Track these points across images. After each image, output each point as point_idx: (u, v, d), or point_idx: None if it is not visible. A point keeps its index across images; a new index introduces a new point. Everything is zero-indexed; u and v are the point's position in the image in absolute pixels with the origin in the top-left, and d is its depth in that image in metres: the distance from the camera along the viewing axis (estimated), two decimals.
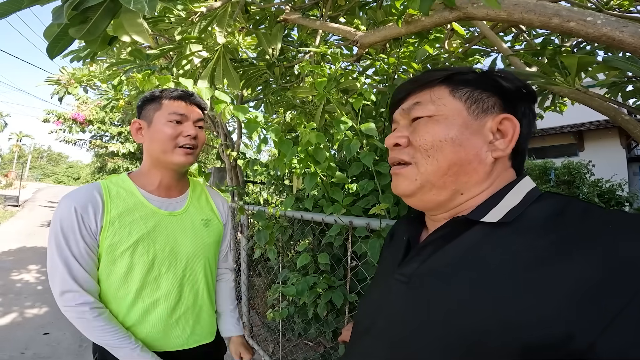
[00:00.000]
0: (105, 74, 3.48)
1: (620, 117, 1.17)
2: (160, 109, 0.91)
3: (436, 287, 0.45)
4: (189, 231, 0.96)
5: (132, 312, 0.89)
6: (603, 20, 0.68)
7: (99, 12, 0.83)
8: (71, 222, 0.83)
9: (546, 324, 0.34)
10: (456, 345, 0.40)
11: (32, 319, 3.33)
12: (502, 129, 0.49)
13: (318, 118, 1.73)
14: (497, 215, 0.44)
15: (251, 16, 1.96)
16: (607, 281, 0.32)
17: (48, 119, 8.11)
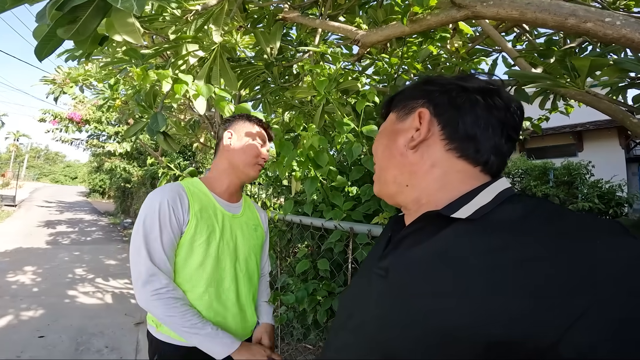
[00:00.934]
0: (101, 74, 3.44)
1: (629, 120, 1.14)
2: (252, 129, 1.12)
3: (409, 281, 0.47)
4: (245, 233, 1.11)
5: (200, 302, 0.97)
6: (622, 21, 0.64)
7: (88, 12, 0.79)
8: (163, 214, 0.94)
9: (513, 322, 0.35)
10: (427, 341, 0.41)
11: (28, 321, 3.30)
12: (422, 121, 0.54)
13: (317, 119, 1.69)
14: (467, 212, 0.46)
15: (249, 14, 1.92)
16: (572, 282, 0.33)
17: (44, 118, 8.04)
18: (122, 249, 7.09)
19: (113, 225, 10.83)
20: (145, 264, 0.91)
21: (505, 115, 0.52)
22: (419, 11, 0.89)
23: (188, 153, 8.24)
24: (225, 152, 1.09)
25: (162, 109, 1.62)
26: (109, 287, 4.52)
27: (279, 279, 1.58)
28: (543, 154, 7.75)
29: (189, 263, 0.98)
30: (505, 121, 0.52)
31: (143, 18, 1.18)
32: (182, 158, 8.14)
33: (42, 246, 6.81)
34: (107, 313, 3.61)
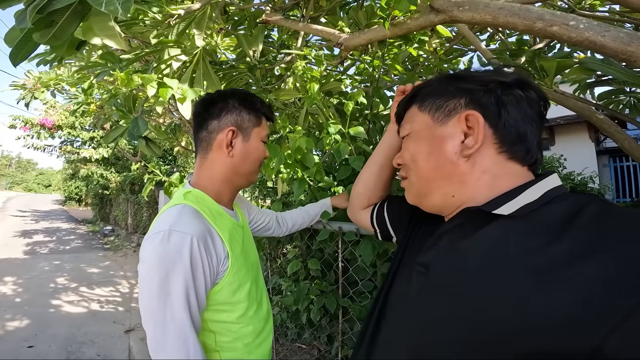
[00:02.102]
0: (74, 78, 3.32)
1: (595, 116, 1.21)
2: (260, 125, 0.86)
3: (450, 279, 0.46)
4: (251, 240, 0.96)
5: (257, 338, 0.85)
6: (585, 24, 0.68)
7: (65, 15, 0.77)
8: (195, 260, 0.69)
9: (562, 325, 0.34)
10: (465, 340, 0.41)
11: (15, 332, 3.22)
12: (471, 125, 0.50)
13: (302, 120, 1.71)
14: (510, 209, 0.44)
15: (230, 17, 1.91)
16: (619, 281, 0.33)
17: (14, 124, 7.69)
18: (104, 256, 6.88)
19: (92, 233, 10.48)
20: (183, 337, 0.67)
21: (540, 107, 0.51)
22: (399, 15, 0.93)
23: (169, 157, 8.08)
24: (226, 157, 0.82)
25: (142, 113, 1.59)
26: (94, 295, 4.39)
27: (270, 280, 1.59)
28: None
29: (239, 304, 0.80)
30: (542, 114, 0.51)
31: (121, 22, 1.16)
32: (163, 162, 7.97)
33: (20, 256, 6.55)
34: (94, 321, 3.53)
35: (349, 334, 1.17)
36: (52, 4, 0.70)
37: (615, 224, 0.37)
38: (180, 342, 0.66)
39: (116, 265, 6.07)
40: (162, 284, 0.66)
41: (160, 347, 0.67)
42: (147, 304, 0.68)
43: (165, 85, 1.12)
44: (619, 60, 0.68)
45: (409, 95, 0.59)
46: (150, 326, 0.67)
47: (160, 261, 0.67)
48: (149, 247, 0.69)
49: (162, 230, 0.69)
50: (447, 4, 0.79)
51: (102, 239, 9.28)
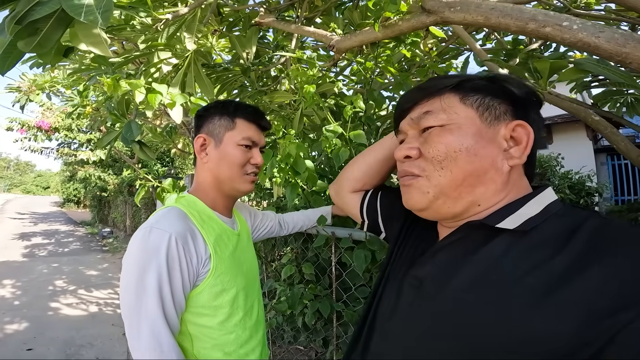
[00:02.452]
0: (69, 80, 3.31)
1: (591, 117, 1.20)
2: (233, 129, 0.84)
3: (447, 297, 0.44)
4: (250, 249, 0.95)
5: (241, 348, 0.83)
6: (579, 25, 0.67)
7: (49, 23, 0.76)
8: (171, 257, 0.69)
9: (560, 341, 0.34)
10: (457, 354, 0.40)
11: (13, 335, 3.23)
12: (516, 136, 0.47)
13: (296, 123, 1.70)
14: (514, 223, 0.43)
15: (224, 18, 1.89)
16: (617, 296, 0.33)
17: (11, 127, 7.68)
18: (103, 259, 6.87)
19: (91, 235, 10.46)
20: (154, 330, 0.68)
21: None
22: (391, 16, 0.91)
23: (166, 159, 8.06)
24: (204, 164, 0.85)
25: (136, 117, 1.58)
26: (93, 297, 4.39)
27: (266, 283, 1.58)
28: None
29: (221, 309, 0.79)
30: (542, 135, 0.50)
31: (110, 27, 1.15)
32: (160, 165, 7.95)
33: (18, 259, 6.55)
34: (93, 324, 3.53)
35: (343, 338, 1.17)
36: (31, 14, 0.68)
37: (614, 239, 0.37)
38: (154, 339, 0.67)
39: (115, 268, 6.05)
40: (139, 279, 0.68)
41: (135, 342, 0.68)
42: (125, 298, 0.69)
43: (154, 91, 1.10)
44: (614, 62, 0.66)
45: (448, 82, 0.51)
46: (127, 321, 0.69)
47: (139, 256, 0.69)
48: (131, 243, 0.71)
49: (145, 228, 0.71)
50: (438, 4, 0.78)
51: (101, 241, 9.26)
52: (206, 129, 0.85)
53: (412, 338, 0.46)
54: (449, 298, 0.44)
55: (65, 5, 0.70)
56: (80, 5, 0.70)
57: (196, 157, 0.87)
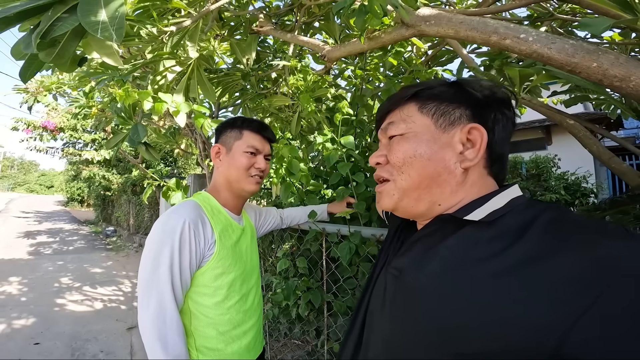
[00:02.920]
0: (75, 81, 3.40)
1: (565, 121, 1.28)
2: (240, 138, 1.01)
3: (420, 283, 0.47)
4: (252, 243, 1.09)
5: (234, 329, 0.94)
6: (534, 36, 0.71)
7: (67, 35, 0.84)
8: (184, 238, 0.84)
9: (523, 325, 0.36)
10: (439, 342, 0.42)
11: (21, 330, 3.33)
12: (472, 138, 0.51)
13: (294, 125, 1.79)
14: (480, 215, 0.46)
15: (225, 23, 1.98)
16: (574, 282, 0.35)
17: (17, 127, 7.80)
18: (107, 257, 6.98)
19: (95, 233, 10.59)
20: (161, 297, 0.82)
21: (514, 127, 0.54)
22: (378, 28, 1.00)
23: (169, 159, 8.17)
24: (218, 168, 1.03)
25: (142, 119, 1.67)
26: (97, 294, 4.49)
27: (263, 277, 1.67)
28: (515, 148, 8.07)
29: (220, 289, 0.92)
30: (512, 133, 0.54)
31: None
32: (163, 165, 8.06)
33: (24, 257, 6.65)
34: (98, 319, 3.62)
35: (333, 327, 1.25)
36: (54, 30, 0.77)
37: (569, 229, 0.40)
38: (160, 310, 0.80)
39: (118, 265, 6.16)
40: (155, 256, 0.82)
41: (144, 310, 0.81)
42: (142, 272, 0.83)
43: (160, 100, 1.19)
44: (565, 71, 0.71)
45: (407, 93, 0.56)
46: (140, 292, 0.82)
47: (158, 237, 0.84)
48: (154, 225, 0.87)
49: (166, 213, 0.88)
50: (415, 19, 0.86)
51: (105, 239, 9.38)
52: (221, 140, 1.03)
53: (398, 330, 0.49)
54: (422, 285, 0.47)
55: (84, 22, 0.78)
56: (97, 22, 0.78)
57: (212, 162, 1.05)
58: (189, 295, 0.89)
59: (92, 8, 0.80)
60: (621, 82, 0.61)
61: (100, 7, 0.81)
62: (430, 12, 0.84)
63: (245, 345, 0.97)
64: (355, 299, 1.19)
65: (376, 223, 1.20)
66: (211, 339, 0.91)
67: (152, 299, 0.81)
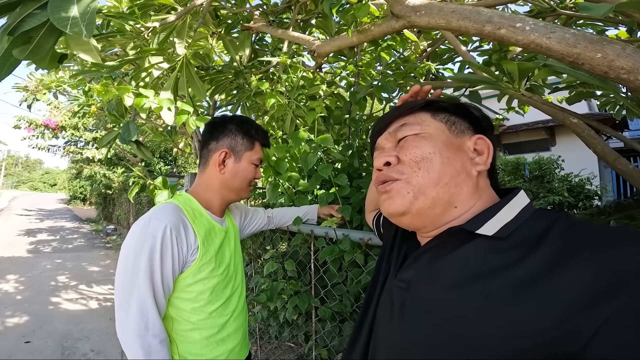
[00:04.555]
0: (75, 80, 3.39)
1: (569, 120, 1.23)
2: (252, 149, 0.98)
3: (432, 296, 0.46)
4: (236, 245, 1.05)
5: (218, 333, 0.91)
6: (532, 25, 0.67)
7: (42, 32, 0.80)
8: (165, 244, 0.80)
9: (540, 333, 0.35)
10: (452, 354, 0.41)
11: (13, 328, 3.31)
12: (478, 148, 0.53)
13: (287, 125, 1.74)
14: (492, 229, 0.45)
15: (222, 21, 1.94)
16: (595, 288, 0.34)
17: (19, 125, 7.83)
18: (105, 255, 6.97)
19: (95, 232, 10.60)
20: (142, 307, 0.77)
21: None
22: (367, 21, 0.95)
23: (169, 158, 8.16)
24: (218, 172, 0.96)
25: (134, 118, 1.63)
26: (93, 293, 4.47)
27: (252, 279, 1.62)
28: (518, 149, 8.00)
29: (201, 294, 0.89)
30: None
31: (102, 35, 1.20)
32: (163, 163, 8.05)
33: (23, 255, 6.65)
34: (91, 318, 3.60)
35: (321, 333, 1.20)
36: (22, 25, 0.73)
37: (583, 237, 0.40)
38: (141, 316, 0.77)
39: (116, 264, 6.14)
40: (135, 261, 0.78)
41: (123, 318, 0.77)
42: (120, 278, 0.79)
43: (140, 95, 1.15)
44: (566, 63, 0.65)
45: (420, 104, 0.57)
46: (118, 298, 0.79)
47: (139, 241, 0.79)
48: (132, 230, 0.82)
49: (145, 217, 0.83)
50: (405, 9, 0.81)
51: (105, 237, 9.39)
52: (227, 143, 0.97)
53: (408, 341, 0.48)
54: (433, 298, 0.46)
55: (53, 18, 0.74)
56: (67, 17, 0.74)
57: (206, 160, 0.98)
58: (169, 301, 0.86)
59: (63, 4, 0.77)
60: (629, 75, 0.56)
61: (72, 3, 0.77)
62: (420, 2, 0.79)
63: (230, 349, 0.94)
64: (343, 305, 1.14)
65: (367, 227, 1.15)
66: (195, 343, 0.88)
67: (133, 306, 0.77)
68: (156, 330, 0.78)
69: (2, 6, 0.78)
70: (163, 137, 3.46)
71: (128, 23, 1.01)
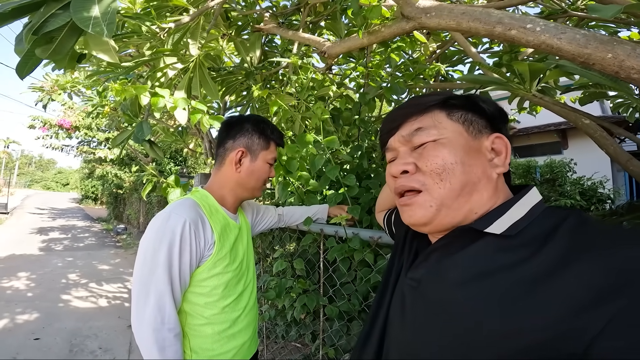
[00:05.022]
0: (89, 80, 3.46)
1: (581, 121, 1.21)
2: (267, 149, 1.00)
3: (440, 294, 0.47)
4: (248, 241, 1.07)
5: (230, 328, 0.93)
6: (542, 26, 0.67)
7: (64, 32, 0.83)
8: (184, 238, 0.82)
9: (546, 330, 0.35)
10: (459, 350, 0.42)
11: (23, 325, 3.37)
12: (495, 147, 0.52)
13: (297, 126, 1.76)
14: (501, 228, 0.45)
15: (232, 23, 1.97)
16: (601, 288, 0.34)
17: (34, 125, 8.01)
18: (115, 254, 7.08)
19: (106, 231, 10.78)
20: (160, 300, 0.80)
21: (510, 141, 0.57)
22: (377, 22, 0.96)
23: (179, 158, 8.26)
24: (234, 172, 0.98)
25: (147, 117, 1.67)
26: (103, 291, 4.54)
27: (261, 278, 1.64)
28: (529, 152, 7.88)
29: (216, 289, 0.90)
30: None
31: (119, 36, 1.23)
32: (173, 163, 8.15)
33: (35, 253, 6.79)
34: (100, 316, 3.65)
35: (329, 332, 1.21)
36: (46, 25, 0.76)
37: (591, 236, 0.39)
38: (158, 310, 0.79)
39: (126, 263, 6.24)
40: (154, 255, 0.80)
41: (140, 311, 0.79)
42: (139, 271, 0.81)
43: (157, 95, 1.18)
44: (577, 63, 0.66)
45: (431, 100, 0.54)
46: (136, 291, 0.81)
47: (157, 236, 0.81)
48: (152, 224, 0.84)
49: (165, 212, 0.85)
50: (415, 11, 0.82)
51: (115, 237, 9.54)
52: (244, 143, 0.99)
53: (419, 340, 0.48)
54: (443, 295, 0.46)
55: (75, 18, 0.77)
56: (89, 17, 0.77)
57: (222, 159, 1.00)
58: (184, 296, 0.88)
59: (85, 4, 0.79)
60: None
61: (93, 3, 0.80)
62: (430, 4, 0.80)
63: (240, 344, 0.96)
64: (352, 304, 1.14)
65: (377, 227, 1.15)
66: (207, 338, 0.90)
67: (150, 299, 0.79)
68: (172, 325, 0.80)
69: (26, 6, 0.81)
70: (174, 137, 3.52)
71: (144, 24, 1.04)
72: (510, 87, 1.06)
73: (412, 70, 1.36)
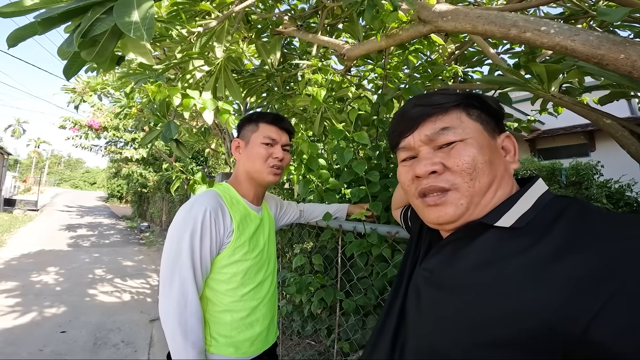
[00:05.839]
0: (118, 82, 3.63)
1: (602, 121, 1.20)
2: (257, 131, 1.05)
3: (452, 281, 0.49)
4: (270, 233, 1.11)
5: (248, 317, 0.97)
6: (556, 29, 0.69)
7: (106, 36, 0.91)
8: (205, 225, 0.88)
9: (544, 314, 0.38)
10: (473, 336, 0.44)
11: (51, 318, 3.53)
12: (505, 146, 0.55)
13: (317, 125, 1.81)
14: (509, 221, 0.48)
15: (252, 26, 2.04)
16: (599, 271, 0.36)
17: (64, 125, 8.40)
18: (139, 251, 7.34)
19: (130, 228, 11.18)
20: (191, 290, 0.86)
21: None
22: (394, 26, 1.00)
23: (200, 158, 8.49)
24: (239, 162, 1.07)
25: (174, 118, 1.76)
26: (127, 286, 4.73)
27: (280, 273, 1.69)
28: (554, 154, 7.63)
29: (235, 276, 0.95)
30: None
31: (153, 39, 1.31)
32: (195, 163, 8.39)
33: (63, 248, 7.12)
34: (124, 310, 3.80)
35: (344, 327, 1.24)
36: (93, 29, 0.83)
37: (592, 222, 0.41)
38: (182, 296, 0.84)
39: (149, 260, 6.46)
40: (178, 242, 0.86)
41: (166, 295, 0.84)
42: (165, 258, 0.87)
43: (188, 96, 1.25)
44: (591, 64, 0.67)
45: (458, 100, 0.55)
46: (162, 276, 0.86)
47: (181, 224, 0.88)
48: (178, 214, 0.92)
49: (189, 202, 0.93)
50: (431, 15, 0.85)
51: (139, 234, 9.88)
52: (240, 135, 1.08)
53: (433, 329, 0.50)
54: (453, 282, 0.49)
55: (119, 22, 0.84)
56: (130, 22, 0.84)
57: (233, 156, 1.09)
58: (206, 282, 0.94)
59: (126, 10, 0.86)
60: None
61: (133, 9, 0.87)
62: (447, 8, 0.83)
63: (257, 333, 0.99)
64: (368, 298, 1.18)
65: (394, 223, 1.18)
66: (225, 325, 0.94)
67: (175, 284, 0.85)
68: (194, 309, 0.86)
69: (73, 11, 0.88)
70: (197, 137, 3.65)
71: (175, 27, 1.11)
72: (528, 88, 1.07)
73: (430, 72, 1.38)
